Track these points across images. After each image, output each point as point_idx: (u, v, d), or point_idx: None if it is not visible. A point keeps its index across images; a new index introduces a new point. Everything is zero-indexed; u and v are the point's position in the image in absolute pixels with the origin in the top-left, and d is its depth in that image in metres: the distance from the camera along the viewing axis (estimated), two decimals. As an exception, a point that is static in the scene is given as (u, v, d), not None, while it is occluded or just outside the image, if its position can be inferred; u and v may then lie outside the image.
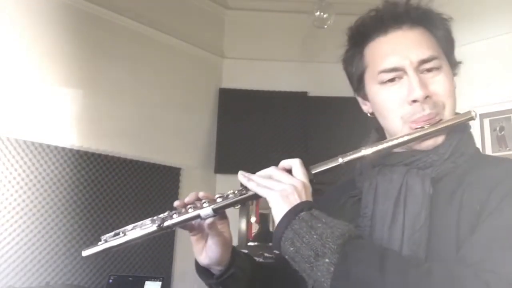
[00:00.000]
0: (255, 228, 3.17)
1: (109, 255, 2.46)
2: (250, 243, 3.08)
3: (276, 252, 0.83)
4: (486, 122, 2.88)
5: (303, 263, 0.64)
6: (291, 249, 0.65)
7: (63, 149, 2.38)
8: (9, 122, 2.21)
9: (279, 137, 3.18)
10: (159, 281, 2.36)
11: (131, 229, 0.80)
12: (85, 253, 0.80)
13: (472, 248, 0.62)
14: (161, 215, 0.80)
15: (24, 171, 2.21)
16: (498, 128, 2.83)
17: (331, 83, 2.33)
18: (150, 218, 0.79)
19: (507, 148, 2.77)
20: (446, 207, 0.70)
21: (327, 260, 0.61)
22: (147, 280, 2.35)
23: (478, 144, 3.00)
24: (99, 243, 0.80)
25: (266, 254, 2.51)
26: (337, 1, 2.95)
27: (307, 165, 0.76)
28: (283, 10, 3.41)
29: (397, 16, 0.79)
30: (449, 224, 0.68)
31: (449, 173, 0.74)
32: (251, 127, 3.20)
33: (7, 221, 2.12)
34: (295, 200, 0.68)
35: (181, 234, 2.85)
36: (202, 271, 0.86)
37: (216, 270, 0.84)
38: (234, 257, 0.84)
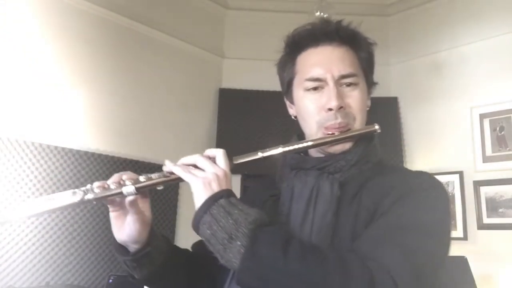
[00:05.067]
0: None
1: (109, 255, 2.46)
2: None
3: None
4: (486, 122, 2.87)
5: (218, 245, 0.70)
6: (208, 232, 0.71)
7: (63, 149, 2.38)
8: (9, 122, 2.21)
9: (279, 137, 3.17)
10: (159, 281, 2.35)
11: (50, 199, 0.79)
12: (1, 219, 0.78)
13: (363, 241, 0.74)
14: (83, 188, 0.80)
15: (24, 171, 2.21)
16: (498, 128, 2.82)
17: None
18: (72, 190, 0.79)
19: (507, 148, 2.77)
20: (348, 208, 0.82)
21: (239, 242, 0.68)
22: (147, 280, 2.34)
23: (478, 144, 2.98)
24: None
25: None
26: (337, 1, 2.96)
27: (230, 155, 0.82)
28: (283, 10, 3.41)
29: (328, 33, 0.90)
30: (348, 222, 0.80)
31: (354, 178, 0.85)
32: (251, 127, 3.20)
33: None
34: (216, 188, 0.75)
35: (181, 234, 2.85)
36: (119, 248, 0.87)
37: (133, 248, 0.85)
38: (152, 237, 0.87)
